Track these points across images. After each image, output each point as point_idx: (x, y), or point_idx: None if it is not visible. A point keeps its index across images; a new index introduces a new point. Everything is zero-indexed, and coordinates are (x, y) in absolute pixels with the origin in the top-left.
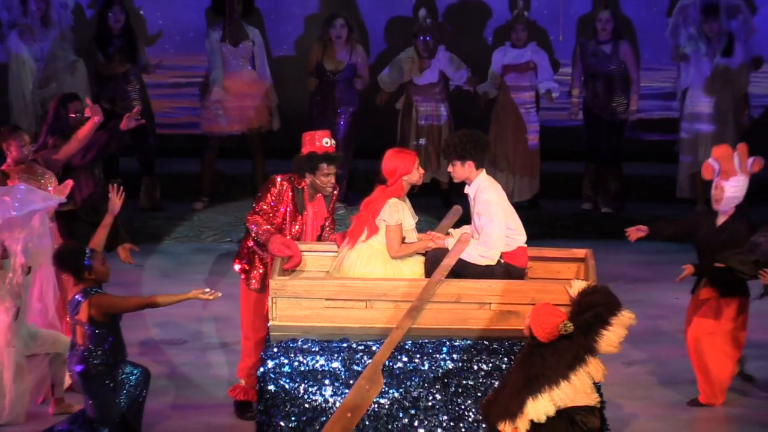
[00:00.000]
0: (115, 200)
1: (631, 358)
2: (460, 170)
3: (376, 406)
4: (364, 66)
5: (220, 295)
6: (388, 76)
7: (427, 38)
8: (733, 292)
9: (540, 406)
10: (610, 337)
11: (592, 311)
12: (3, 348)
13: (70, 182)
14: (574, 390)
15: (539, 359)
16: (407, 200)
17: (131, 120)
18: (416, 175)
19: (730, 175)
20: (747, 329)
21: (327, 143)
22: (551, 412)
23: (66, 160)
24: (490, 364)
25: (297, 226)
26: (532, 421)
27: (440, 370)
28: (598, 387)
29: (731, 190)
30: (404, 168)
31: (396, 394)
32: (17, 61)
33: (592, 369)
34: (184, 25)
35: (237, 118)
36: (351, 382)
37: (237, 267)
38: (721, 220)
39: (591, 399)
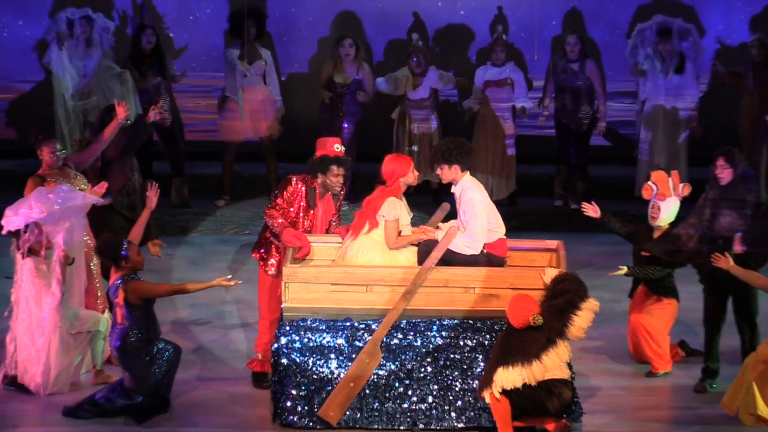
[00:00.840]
0: (152, 197)
1: (597, 335)
2: (447, 173)
3: (375, 377)
4: (369, 81)
5: (240, 282)
6: (384, 83)
7: (420, 58)
8: (659, 289)
9: (509, 376)
10: (579, 322)
11: (563, 297)
12: (51, 328)
13: (104, 184)
14: (544, 368)
15: (518, 339)
16: (403, 199)
17: (156, 113)
18: (411, 177)
19: (666, 196)
20: (676, 311)
21: (338, 148)
22: (518, 383)
23: (94, 159)
24: (474, 341)
25: (308, 221)
26: (516, 389)
27: (431, 346)
28: (569, 364)
29: (666, 209)
30: (401, 171)
31: (392, 367)
32: (56, 76)
33: (561, 351)
34: (207, 46)
35: (251, 127)
36: (353, 356)
37: (255, 255)
38: (656, 234)
39: (564, 373)
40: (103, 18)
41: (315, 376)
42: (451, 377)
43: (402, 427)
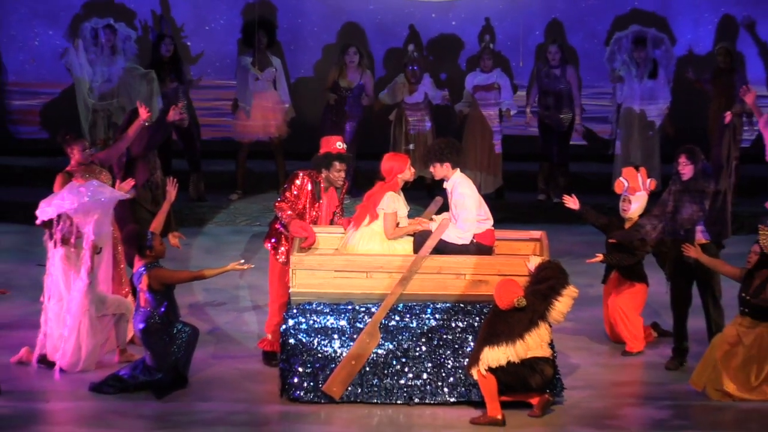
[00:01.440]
0: (172, 191)
1: (576, 317)
2: (439, 170)
3: (374, 355)
4: (371, 87)
5: (252, 266)
6: (388, 96)
7: (415, 68)
8: (630, 275)
9: (493, 355)
10: (560, 307)
11: (546, 283)
12: (81, 311)
13: (131, 181)
14: (527, 347)
15: (503, 320)
16: (401, 193)
17: (176, 113)
18: (408, 174)
19: (636, 191)
20: (646, 294)
21: (340, 146)
22: (503, 361)
23: (119, 155)
24: (465, 322)
25: (314, 212)
26: (501, 367)
27: (425, 327)
28: (551, 343)
29: (636, 202)
30: (399, 168)
31: (390, 346)
32: (78, 81)
33: (542, 332)
34: (221, 54)
35: (261, 128)
36: (355, 336)
37: (266, 245)
38: (627, 225)
39: (546, 352)
40: (125, 27)
41: (320, 355)
42: (443, 356)
43: (399, 402)
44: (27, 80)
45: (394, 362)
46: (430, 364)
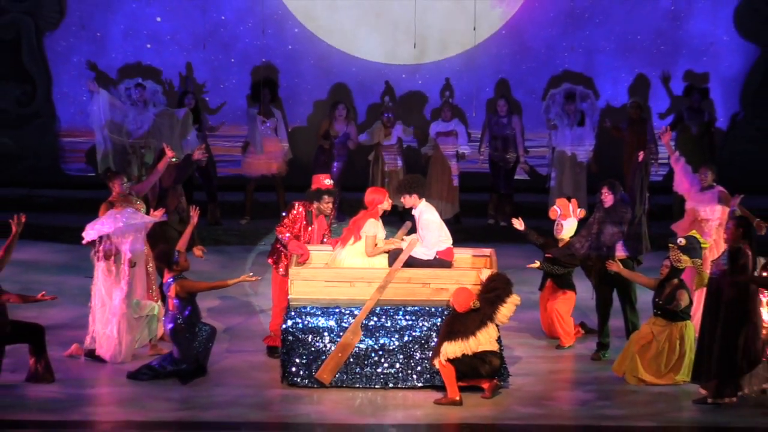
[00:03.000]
0: (194, 216)
1: (519, 318)
2: (408, 200)
3: (357, 349)
4: (355, 134)
5: (259, 278)
6: (367, 140)
7: (390, 115)
8: (562, 284)
9: (452, 348)
10: (504, 311)
11: (494, 292)
12: (120, 314)
13: (162, 209)
14: (479, 342)
15: (459, 321)
16: (380, 220)
17: (201, 152)
18: (386, 204)
19: (567, 217)
20: (575, 299)
21: (328, 182)
22: (459, 354)
23: (150, 188)
24: (430, 322)
25: (308, 235)
26: (458, 358)
27: (398, 326)
28: (499, 339)
29: (567, 226)
30: (379, 199)
31: (370, 341)
32: (91, 116)
33: (491, 330)
34: (234, 106)
35: (265, 166)
36: (341, 334)
37: (269, 260)
38: (560, 244)
39: (494, 346)
40: (153, 83)
41: (313, 349)
42: (412, 349)
43: (377, 386)
44: (76, 128)
45: (373, 355)
46: (401, 356)
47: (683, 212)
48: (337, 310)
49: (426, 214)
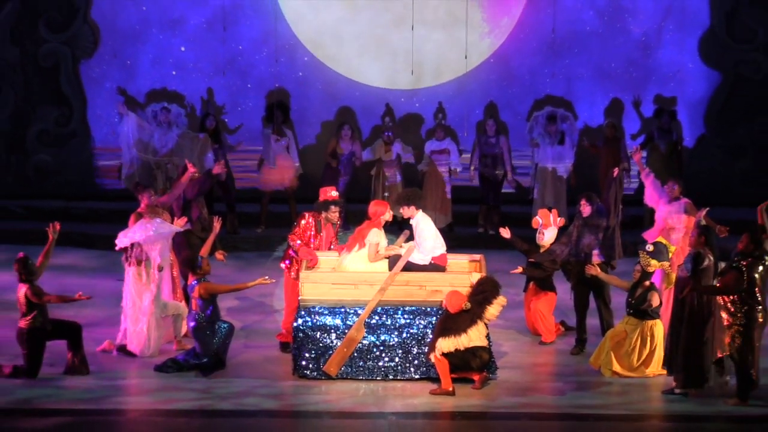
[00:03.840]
0: (217, 225)
1: (506, 317)
2: (407, 211)
3: (360, 345)
4: (359, 152)
5: (273, 280)
6: (370, 155)
7: (389, 134)
8: (544, 286)
9: (445, 344)
10: (492, 311)
11: (483, 294)
12: (149, 313)
13: (185, 218)
14: (469, 339)
15: (452, 320)
16: (382, 229)
17: (220, 168)
18: (388, 215)
19: (548, 226)
20: (555, 299)
21: (333, 194)
22: (452, 349)
23: (174, 200)
24: (426, 320)
25: (317, 242)
26: (451, 352)
27: (397, 324)
28: (488, 336)
29: (548, 234)
30: (381, 211)
31: (372, 338)
32: (120, 137)
33: (481, 328)
34: (250, 127)
35: (278, 181)
36: (346, 331)
37: (282, 265)
38: (542, 250)
39: (483, 342)
40: (177, 107)
41: (321, 344)
42: (410, 345)
43: (378, 378)
44: (109, 146)
45: (375, 350)
46: (400, 351)
47: (653, 222)
48: (342, 310)
49: (422, 223)
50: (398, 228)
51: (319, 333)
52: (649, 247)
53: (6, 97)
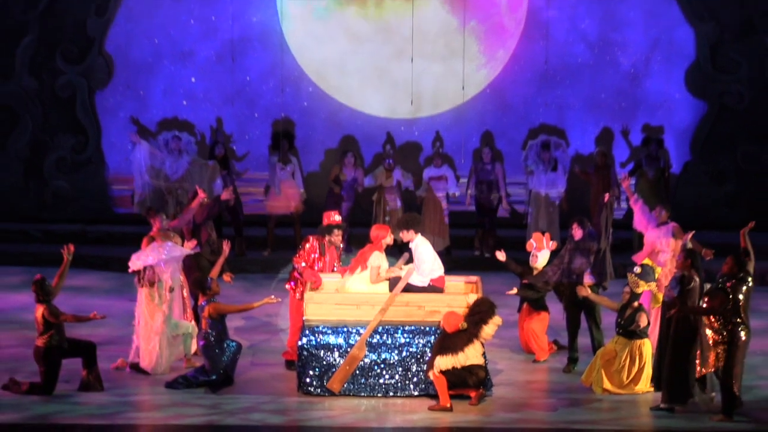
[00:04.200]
0: (226, 248)
1: (501, 336)
2: (406, 234)
3: (362, 363)
4: (362, 178)
5: (279, 300)
6: (370, 183)
7: (390, 161)
8: (537, 306)
9: (443, 362)
10: (488, 330)
11: (479, 314)
12: (160, 332)
13: (194, 241)
14: (466, 357)
15: (450, 339)
16: (384, 253)
17: (229, 193)
18: (389, 239)
19: (541, 249)
20: (548, 319)
21: (336, 218)
22: (450, 367)
23: (185, 224)
24: (425, 339)
25: (320, 264)
26: (449, 370)
27: (397, 343)
28: (484, 354)
29: (541, 257)
30: (383, 235)
31: (373, 356)
32: (133, 163)
33: (477, 347)
34: (257, 154)
35: (284, 205)
36: (348, 350)
37: (288, 286)
38: (535, 272)
39: (480, 360)
40: (187, 135)
41: (324, 362)
42: (410, 363)
43: (379, 395)
44: (123, 174)
45: (376, 367)
46: (400, 369)
47: (642, 245)
48: (345, 329)
49: (421, 247)
50: (398, 251)
51: (322, 351)
52: (637, 269)
53: (25, 126)
